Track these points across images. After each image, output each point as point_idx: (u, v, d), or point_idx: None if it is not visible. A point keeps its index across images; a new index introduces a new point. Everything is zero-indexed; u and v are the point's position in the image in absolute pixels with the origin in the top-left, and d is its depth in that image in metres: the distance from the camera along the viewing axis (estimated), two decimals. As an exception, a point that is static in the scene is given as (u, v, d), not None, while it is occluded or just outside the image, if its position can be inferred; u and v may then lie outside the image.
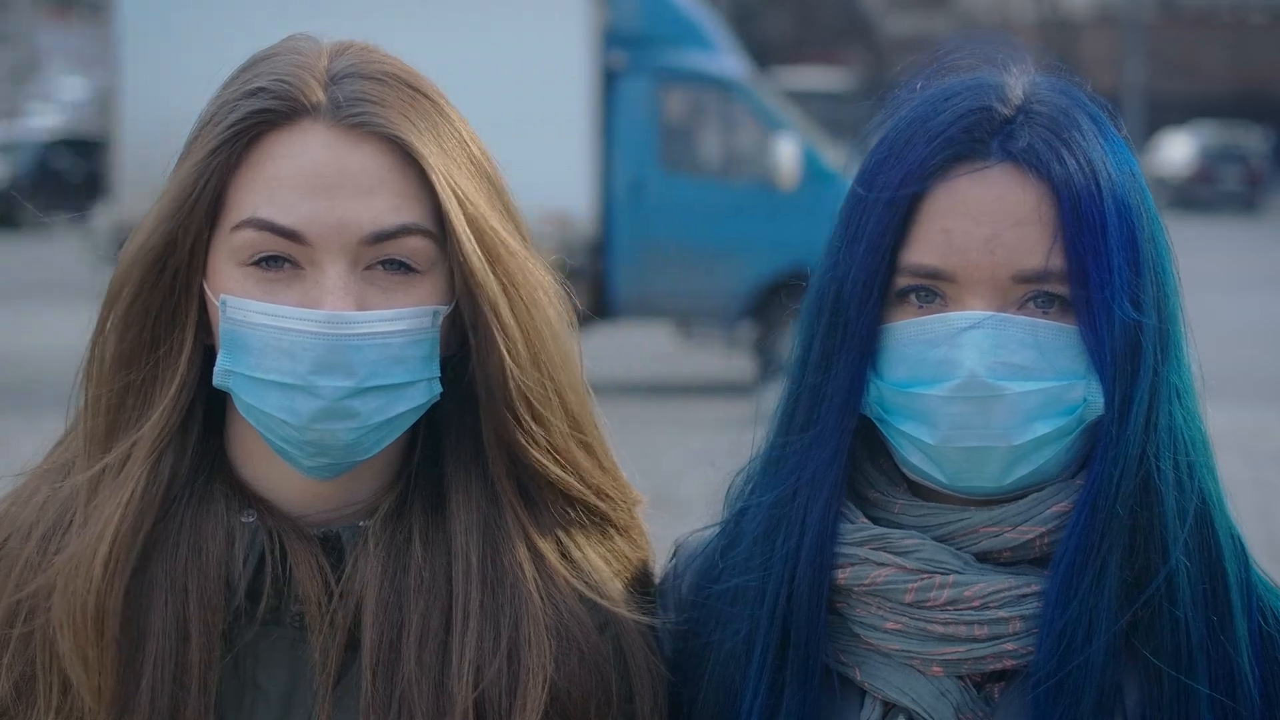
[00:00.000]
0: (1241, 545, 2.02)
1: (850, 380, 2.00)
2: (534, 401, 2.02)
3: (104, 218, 18.85)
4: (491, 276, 1.98)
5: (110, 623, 1.96)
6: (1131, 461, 1.95)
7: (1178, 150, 48.40)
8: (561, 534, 2.07)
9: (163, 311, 2.00)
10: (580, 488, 2.07)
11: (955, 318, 1.95)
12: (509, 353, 2.00)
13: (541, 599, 2.02)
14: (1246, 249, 35.29)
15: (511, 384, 2.00)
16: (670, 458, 12.19)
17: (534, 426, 2.02)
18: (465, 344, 2.03)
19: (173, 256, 1.99)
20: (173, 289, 2.00)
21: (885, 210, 1.98)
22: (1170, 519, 1.96)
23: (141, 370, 2.01)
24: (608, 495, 2.10)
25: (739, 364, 18.34)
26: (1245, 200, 47.41)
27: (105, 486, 2.00)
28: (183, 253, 1.98)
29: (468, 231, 1.97)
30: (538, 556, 2.04)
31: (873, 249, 1.98)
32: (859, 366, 2.00)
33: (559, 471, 2.05)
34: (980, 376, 1.93)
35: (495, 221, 2.00)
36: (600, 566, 2.08)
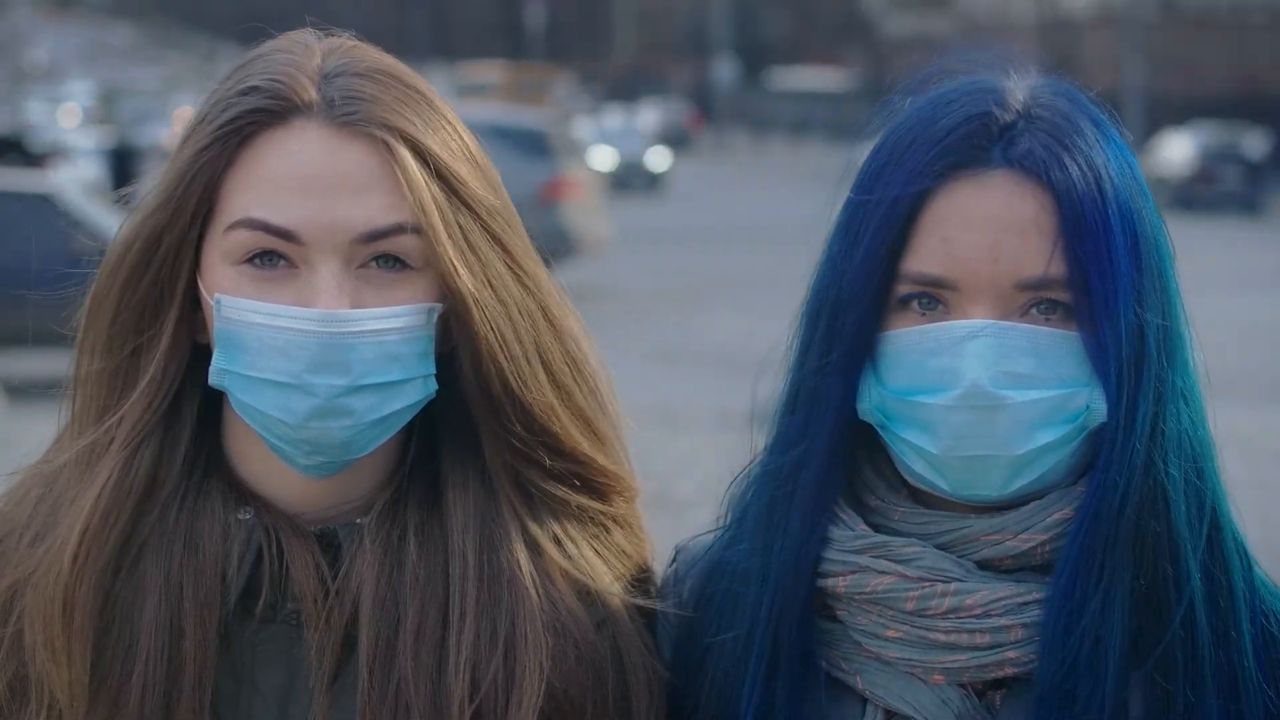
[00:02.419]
0: (1244, 548, 2.02)
1: (846, 387, 1.99)
2: (520, 392, 2.00)
3: None
4: (466, 275, 1.97)
5: (78, 615, 1.95)
6: (1138, 468, 1.94)
7: (1178, 150, 48.42)
8: (559, 530, 2.06)
9: (147, 303, 2.00)
10: (584, 473, 2.07)
11: (957, 326, 1.93)
12: (485, 347, 1.99)
13: (538, 595, 2.01)
14: (1247, 249, 35.32)
15: (494, 381, 2.00)
16: None
17: (523, 416, 2.01)
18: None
19: (158, 252, 1.98)
20: (156, 284, 1.99)
21: (884, 218, 1.96)
22: (1180, 525, 1.95)
23: (123, 360, 2.00)
24: (613, 476, 2.09)
25: None
26: (1245, 200, 47.46)
27: (84, 480, 2.00)
28: (168, 249, 1.98)
29: (442, 231, 1.96)
30: (535, 553, 2.03)
31: (871, 256, 1.97)
32: (855, 373, 1.99)
33: (557, 460, 2.04)
34: (983, 386, 1.92)
35: (478, 218, 1.99)
36: (597, 564, 2.08)
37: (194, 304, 2.01)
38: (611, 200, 45.58)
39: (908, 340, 1.96)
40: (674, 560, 2.21)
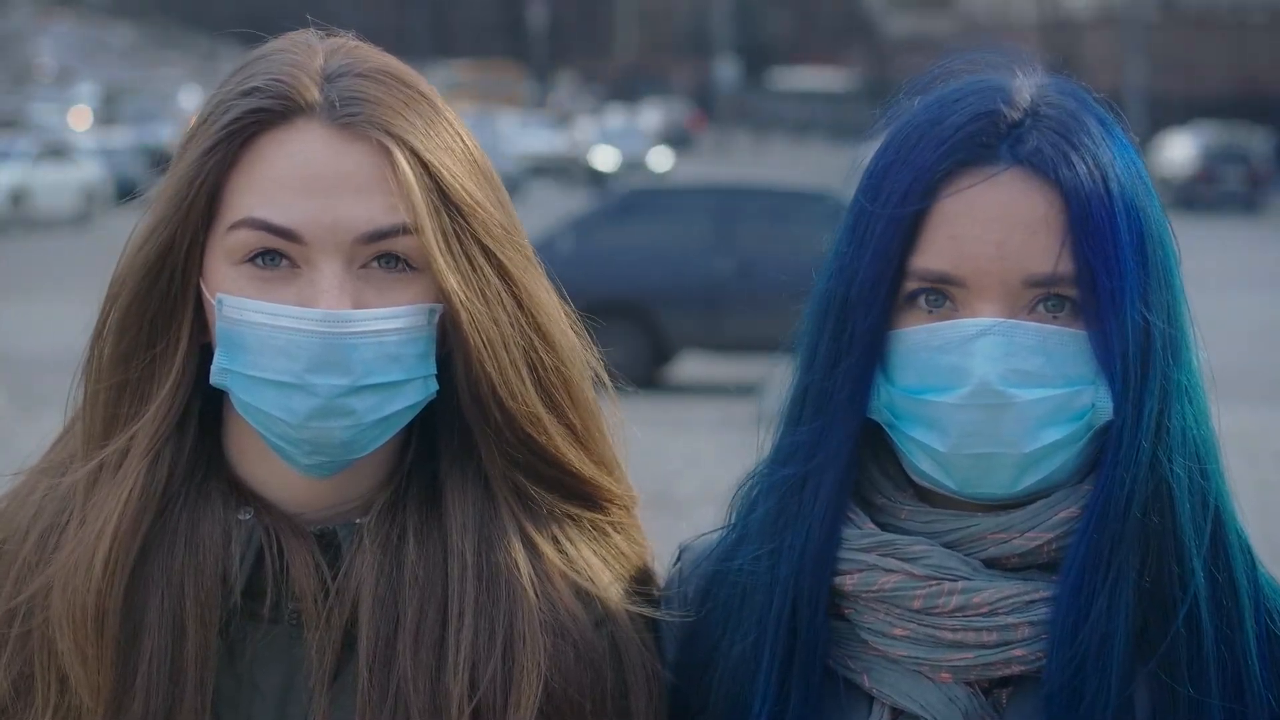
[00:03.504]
0: (1248, 546, 2.02)
1: (855, 384, 1.99)
2: (507, 400, 2.00)
3: None
4: (457, 280, 1.97)
5: (110, 621, 1.96)
6: (1144, 466, 1.94)
7: (1180, 150, 48.47)
8: (557, 531, 2.06)
9: (160, 312, 2.00)
10: (570, 483, 2.07)
11: (966, 324, 1.93)
12: (474, 353, 1.99)
13: (536, 595, 2.01)
14: (1248, 249, 35.33)
15: (481, 385, 2.00)
16: None
17: (508, 423, 2.01)
18: None
19: (170, 258, 1.98)
20: (169, 289, 1.99)
21: (893, 216, 1.96)
22: (1185, 523, 1.95)
23: (139, 369, 2.00)
24: (601, 488, 2.09)
25: None
26: (1247, 200, 47.51)
27: (103, 485, 2.00)
28: (179, 254, 1.98)
29: (438, 235, 1.96)
30: (533, 553, 2.03)
31: (880, 254, 1.97)
32: (865, 369, 1.98)
33: (544, 467, 2.04)
34: (992, 384, 1.91)
35: (477, 222, 1.99)
36: (595, 564, 2.08)
37: (197, 305, 2.01)
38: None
39: (916, 338, 1.96)
40: (678, 559, 2.21)
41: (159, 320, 2.00)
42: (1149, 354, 1.94)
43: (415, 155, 1.96)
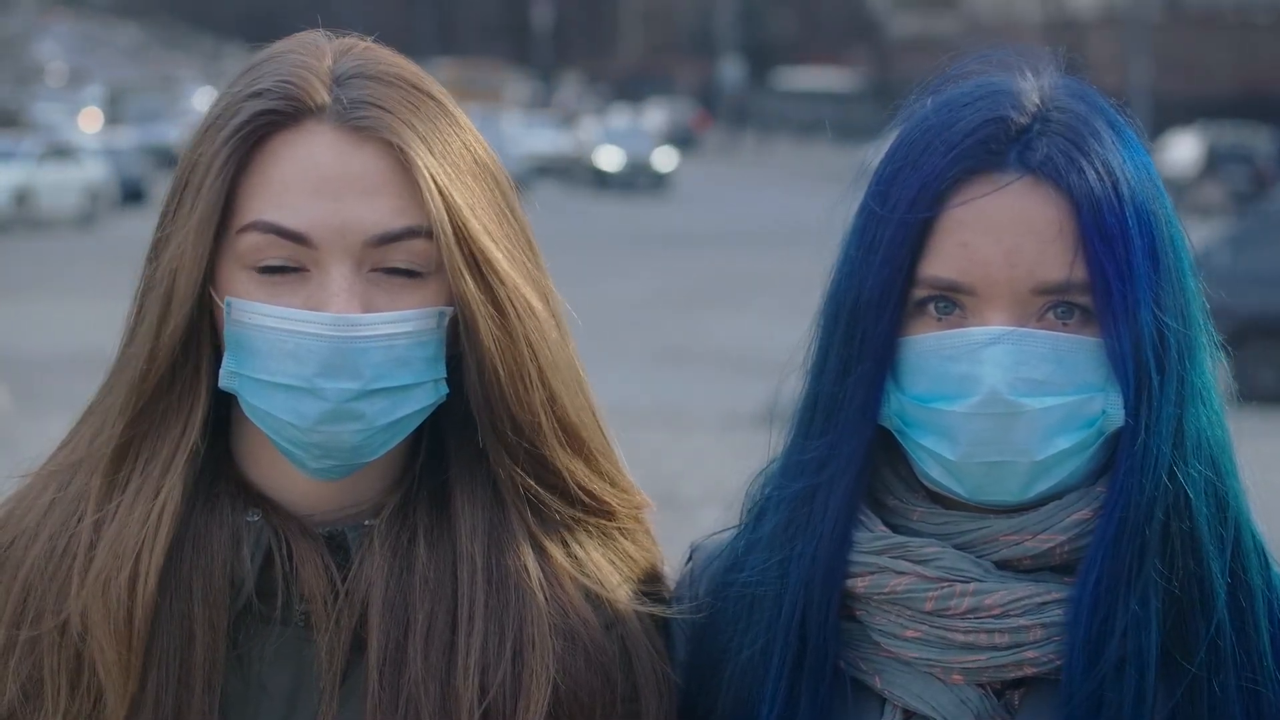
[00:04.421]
0: (1262, 546, 2.02)
1: (867, 391, 1.99)
2: (515, 407, 2.00)
3: None
4: (472, 283, 1.97)
5: (146, 631, 1.96)
6: (1162, 469, 1.94)
7: (1184, 151, 48.47)
8: (566, 534, 2.07)
9: (178, 326, 1.98)
10: (574, 493, 2.06)
11: (976, 333, 1.93)
12: (489, 358, 1.99)
13: (546, 599, 2.01)
14: (1252, 249, 35.25)
15: (494, 390, 1.99)
16: None
17: (515, 430, 2.01)
18: None
19: (188, 272, 1.97)
20: (188, 304, 1.98)
21: (901, 223, 1.96)
22: (1203, 525, 1.95)
23: (164, 382, 1.99)
24: (604, 501, 2.09)
25: None
26: (1251, 201, 47.43)
27: (129, 496, 1.99)
28: (196, 267, 1.97)
29: (452, 238, 1.96)
30: (543, 557, 2.03)
31: (889, 262, 1.96)
32: (876, 378, 1.98)
33: (549, 476, 2.04)
34: (1001, 393, 1.91)
35: (487, 227, 1.99)
36: (605, 566, 2.08)
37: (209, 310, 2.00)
38: (617, 200, 45.58)
39: (925, 346, 1.95)
40: (689, 559, 2.21)
41: (177, 334, 1.99)
42: (1164, 359, 1.94)
43: (426, 158, 1.96)
